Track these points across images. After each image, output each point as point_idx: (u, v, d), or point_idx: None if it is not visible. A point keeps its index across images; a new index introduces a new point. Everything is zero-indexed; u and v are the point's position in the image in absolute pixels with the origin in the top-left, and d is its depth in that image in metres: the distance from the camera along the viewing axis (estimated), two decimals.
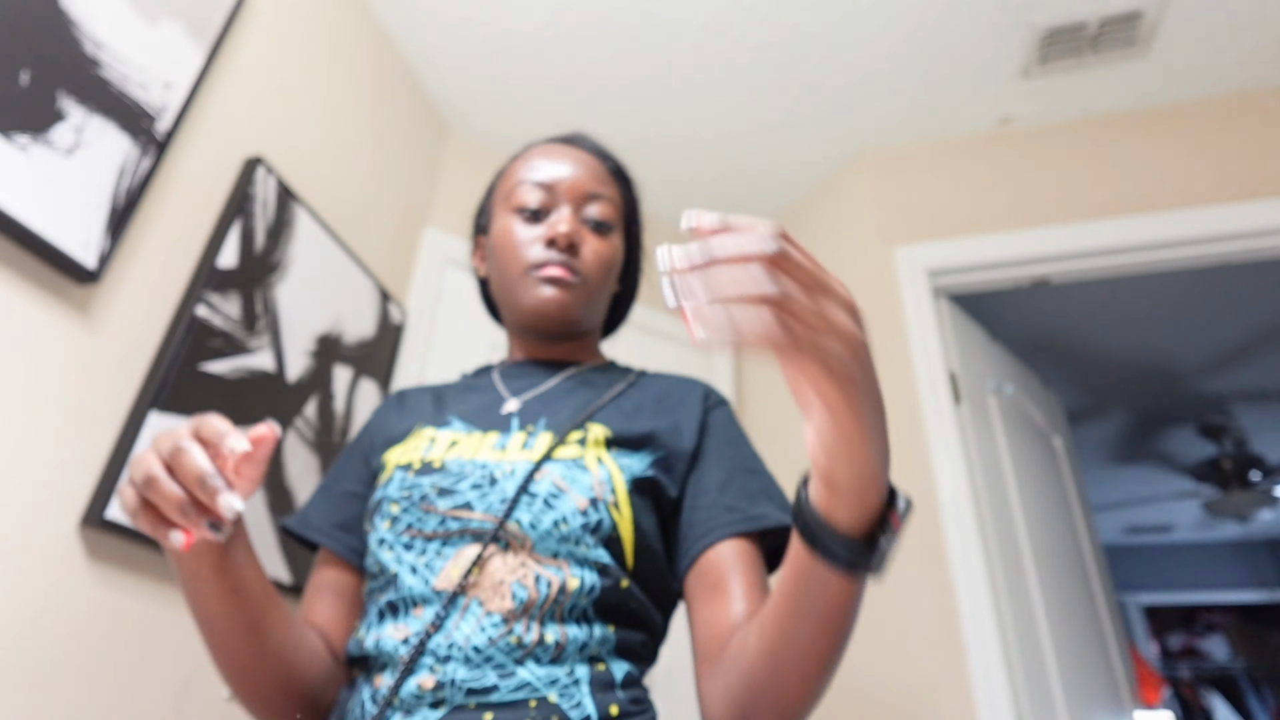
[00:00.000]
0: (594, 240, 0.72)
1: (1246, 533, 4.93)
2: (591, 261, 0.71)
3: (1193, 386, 3.08)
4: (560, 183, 0.72)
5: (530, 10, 1.62)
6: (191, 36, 1.08)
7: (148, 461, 0.43)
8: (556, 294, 0.68)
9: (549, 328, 0.70)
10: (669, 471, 0.62)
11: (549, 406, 0.67)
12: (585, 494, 0.56)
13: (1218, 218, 1.59)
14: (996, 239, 1.73)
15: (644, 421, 0.65)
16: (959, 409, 1.62)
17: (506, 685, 0.50)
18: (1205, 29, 1.58)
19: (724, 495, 0.61)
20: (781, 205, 2.16)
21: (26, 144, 0.82)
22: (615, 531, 0.56)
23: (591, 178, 0.74)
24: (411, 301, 1.68)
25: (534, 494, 0.56)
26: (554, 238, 0.69)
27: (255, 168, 1.18)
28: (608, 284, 0.74)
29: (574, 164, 0.74)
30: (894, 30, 1.62)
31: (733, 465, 0.64)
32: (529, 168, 0.74)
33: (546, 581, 0.53)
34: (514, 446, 0.61)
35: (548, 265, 0.69)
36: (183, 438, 0.43)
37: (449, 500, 0.57)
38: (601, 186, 0.74)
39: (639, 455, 0.62)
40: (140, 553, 0.95)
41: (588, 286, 0.70)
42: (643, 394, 0.69)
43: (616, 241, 0.75)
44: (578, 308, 0.70)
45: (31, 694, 0.80)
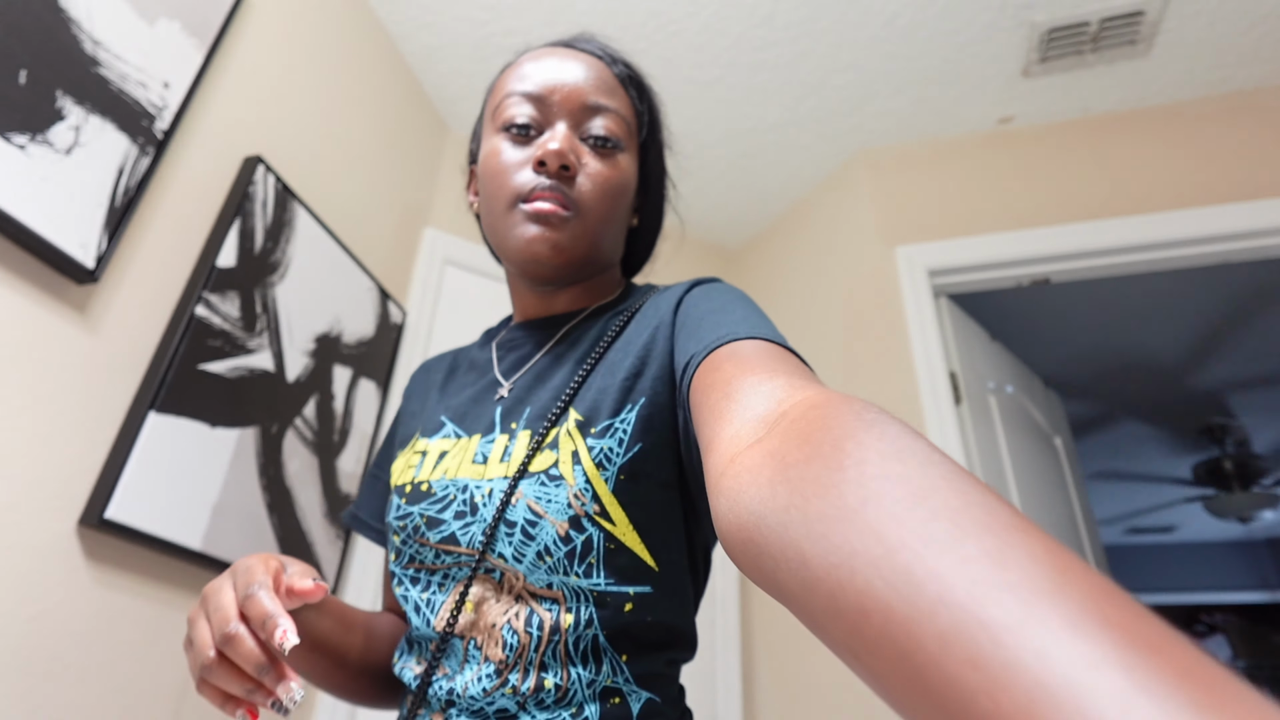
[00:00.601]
0: (595, 162, 0.59)
1: (1248, 533, 4.92)
2: (590, 189, 0.58)
3: (1193, 386, 3.08)
4: (554, 92, 0.59)
5: (530, 10, 1.61)
6: (190, 35, 1.08)
7: (227, 614, 0.43)
8: (545, 233, 0.56)
9: (542, 274, 0.58)
10: (659, 410, 0.51)
11: (532, 389, 0.58)
12: (562, 515, 0.48)
13: (1218, 218, 1.59)
14: (997, 239, 1.72)
15: (620, 367, 0.53)
16: (959, 409, 1.62)
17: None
18: (1206, 28, 1.58)
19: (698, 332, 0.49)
20: (782, 205, 2.16)
21: (25, 143, 0.82)
22: (612, 543, 0.48)
23: (594, 85, 0.60)
24: (411, 301, 1.67)
25: (512, 522, 0.49)
26: (543, 158, 0.56)
27: (254, 167, 1.17)
28: (615, 215, 0.60)
29: (572, 70, 0.60)
30: (894, 30, 1.61)
31: (705, 312, 0.51)
32: (518, 77, 0.61)
33: (539, 622, 0.48)
34: (494, 458, 0.54)
35: (535, 196, 0.56)
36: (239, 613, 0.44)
37: (437, 532, 0.53)
38: (605, 96, 0.60)
39: (617, 426, 0.50)
40: (139, 553, 0.95)
41: (586, 221, 0.57)
42: (631, 331, 0.57)
43: (624, 163, 0.61)
44: (574, 248, 0.57)
45: (30, 694, 0.80)
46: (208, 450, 1.04)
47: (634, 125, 0.63)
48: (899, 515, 0.20)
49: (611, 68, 0.63)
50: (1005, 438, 1.75)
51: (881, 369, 1.70)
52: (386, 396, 1.52)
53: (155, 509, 0.94)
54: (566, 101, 0.59)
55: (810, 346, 1.92)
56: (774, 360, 0.40)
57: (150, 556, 0.97)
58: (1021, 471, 1.76)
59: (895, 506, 0.20)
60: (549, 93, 0.59)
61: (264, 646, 0.42)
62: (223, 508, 1.05)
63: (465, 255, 1.81)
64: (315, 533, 1.25)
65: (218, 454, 1.06)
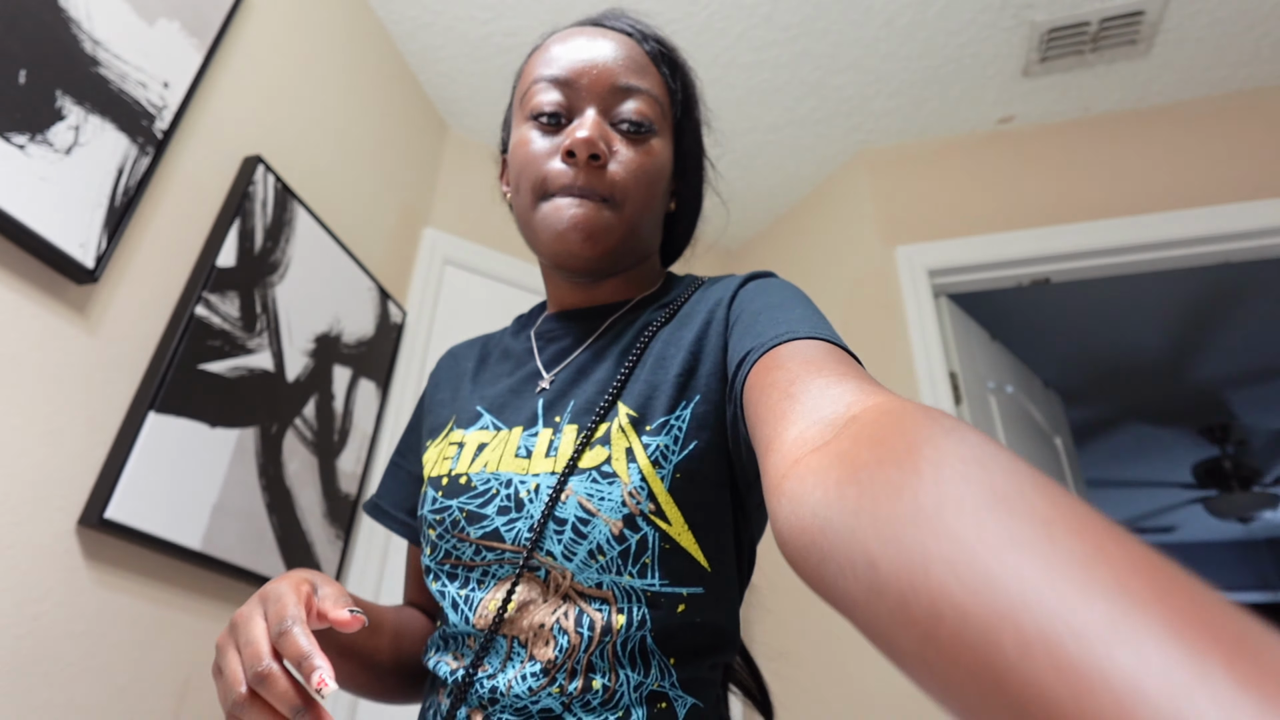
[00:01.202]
0: (627, 149, 0.56)
1: (1248, 533, 4.92)
2: (624, 177, 0.55)
3: (1194, 387, 3.08)
4: (582, 76, 0.56)
5: (530, 10, 1.61)
6: (190, 35, 1.08)
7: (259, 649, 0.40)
8: (578, 227, 0.53)
9: (576, 267, 0.57)
10: (713, 408, 0.50)
11: (576, 383, 0.56)
12: (616, 514, 0.47)
13: (1218, 218, 1.59)
14: (997, 239, 1.72)
15: (672, 364, 0.52)
16: (960, 409, 1.62)
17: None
18: (1206, 28, 1.58)
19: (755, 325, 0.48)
20: (782, 205, 2.16)
21: (24, 143, 0.82)
22: (668, 543, 0.47)
23: (624, 66, 0.57)
24: (411, 301, 1.67)
25: (561, 519, 0.48)
26: (571, 148, 0.53)
27: (254, 167, 1.17)
28: (650, 204, 0.58)
29: (601, 50, 0.58)
30: (894, 30, 1.61)
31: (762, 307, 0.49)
32: (545, 61, 0.58)
33: (589, 622, 0.47)
34: (539, 453, 0.52)
35: (566, 189, 0.54)
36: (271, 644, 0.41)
37: (479, 528, 0.51)
38: (637, 77, 0.57)
39: (673, 423, 0.50)
40: (139, 553, 0.95)
41: (621, 212, 0.55)
42: (677, 324, 0.56)
43: (659, 147, 0.58)
44: (608, 240, 0.55)
45: (30, 694, 0.80)
46: (207, 450, 1.04)
47: (667, 106, 0.60)
48: (979, 517, 0.18)
49: (642, 45, 0.60)
50: (1005, 438, 1.75)
51: (881, 369, 1.70)
52: (386, 396, 1.52)
53: (155, 509, 0.94)
54: (595, 85, 0.56)
55: None
56: (840, 364, 0.38)
57: (150, 556, 0.97)
58: None
59: (976, 509, 0.19)
60: (577, 76, 0.56)
61: (298, 686, 0.40)
62: (222, 508, 1.05)
63: (465, 255, 1.81)
64: (315, 533, 1.25)
65: (217, 454, 1.06)
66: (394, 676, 0.59)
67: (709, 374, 0.51)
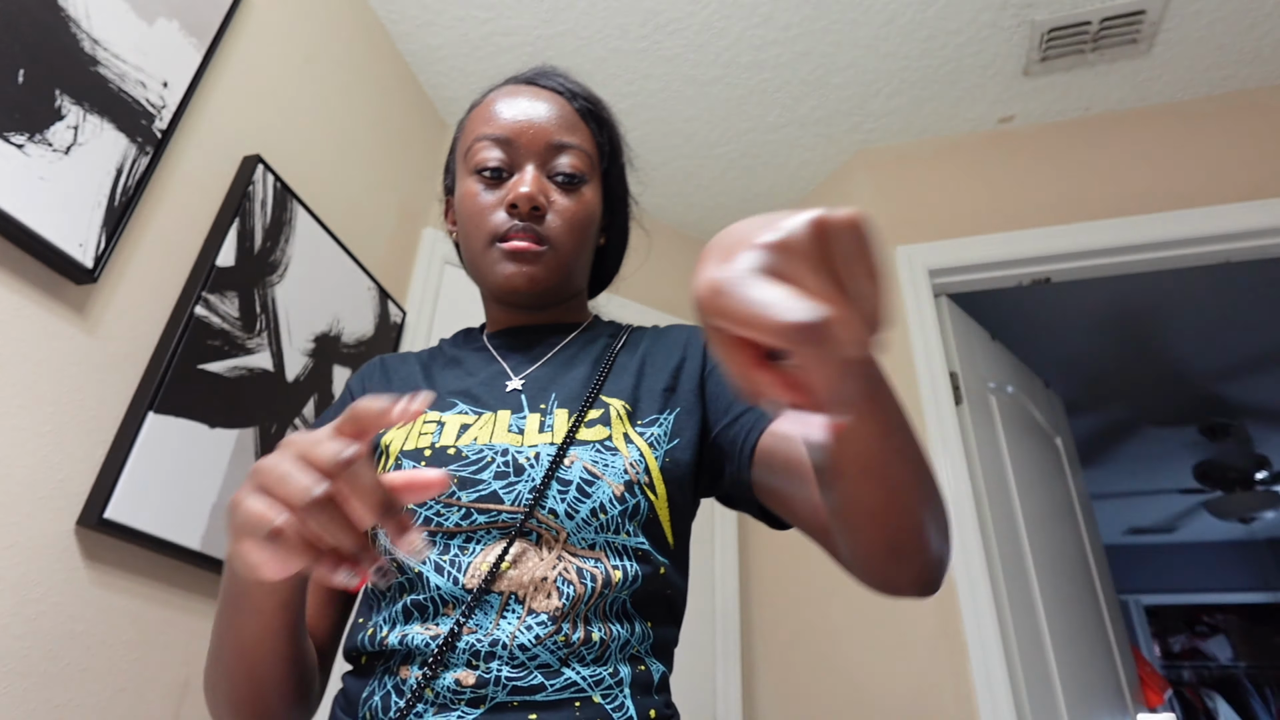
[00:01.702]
0: (562, 199, 0.65)
1: (1249, 533, 4.91)
2: (560, 226, 0.64)
3: (1194, 386, 3.08)
4: (521, 135, 0.64)
5: (530, 9, 1.61)
6: (190, 34, 1.08)
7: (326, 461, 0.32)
8: (522, 269, 0.62)
9: (521, 303, 0.67)
10: (691, 419, 0.60)
11: (554, 381, 0.63)
12: (619, 479, 0.54)
13: (1218, 217, 1.59)
14: (997, 239, 1.72)
15: (654, 379, 0.62)
16: (960, 409, 1.62)
17: (553, 684, 0.48)
18: (1207, 28, 1.58)
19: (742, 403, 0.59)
20: (782, 205, 2.15)
21: (23, 143, 0.82)
22: (653, 513, 0.55)
23: (558, 125, 0.66)
24: (410, 300, 1.67)
25: (566, 481, 0.53)
26: (515, 201, 0.62)
27: (254, 166, 1.17)
28: (584, 245, 0.67)
29: (537, 111, 0.65)
30: (894, 29, 1.61)
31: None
32: (485, 120, 0.66)
33: (590, 575, 0.51)
34: (531, 429, 0.57)
35: (510, 236, 0.62)
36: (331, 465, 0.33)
37: (473, 492, 0.53)
38: (569, 134, 0.66)
39: (661, 420, 0.59)
40: (138, 554, 0.95)
41: (559, 255, 0.64)
42: (642, 349, 0.66)
43: (590, 195, 0.67)
44: (548, 279, 0.64)
45: (30, 694, 0.79)
46: (207, 450, 1.04)
47: (595, 157, 0.69)
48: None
49: (572, 103, 0.68)
50: (1006, 438, 1.75)
51: None
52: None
53: (154, 509, 0.94)
54: (532, 143, 0.65)
55: None
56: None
57: (149, 557, 0.96)
58: (1022, 471, 1.76)
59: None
60: (516, 135, 0.65)
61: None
62: (222, 508, 1.05)
63: None
64: None
65: (217, 454, 1.05)
66: (283, 688, 0.51)
67: (688, 391, 0.61)
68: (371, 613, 0.56)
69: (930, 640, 1.40)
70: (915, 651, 1.41)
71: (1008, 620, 1.43)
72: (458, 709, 0.47)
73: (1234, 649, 4.86)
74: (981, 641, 1.35)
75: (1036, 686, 1.43)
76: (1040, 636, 1.54)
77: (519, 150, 0.65)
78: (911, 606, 1.45)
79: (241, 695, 0.50)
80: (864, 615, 1.52)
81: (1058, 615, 1.63)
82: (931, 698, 1.36)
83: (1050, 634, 1.56)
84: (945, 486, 1.49)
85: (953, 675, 1.35)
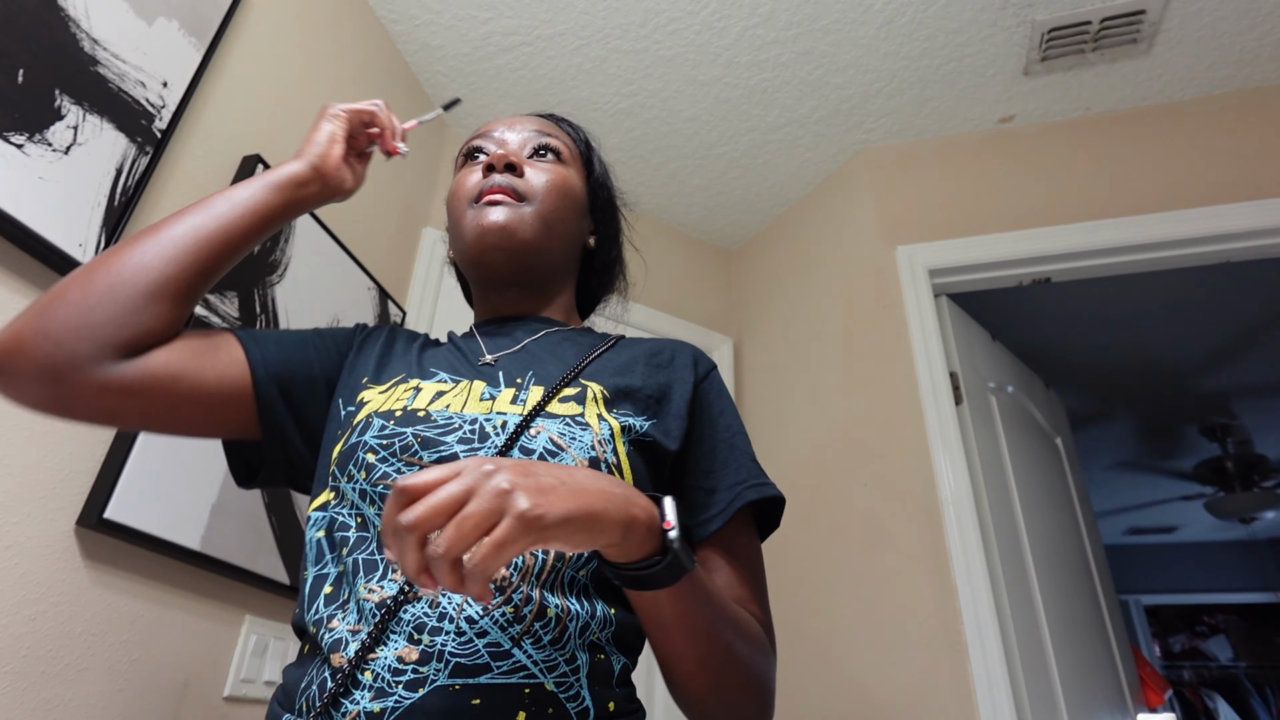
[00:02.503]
0: (539, 165, 0.68)
1: (1250, 533, 4.91)
2: (536, 181, 0.66)
3: (1195, 386, 3.07)
4: (507, 132, 0.71)
5: (530, 9, 1.61)
6: (189, 34, 1.08)
7: (358, 112, 0.66)
8: (497, 219, 0.63)
9: (498, 260, 0.65)
10: (666, 431, 0.59)
11: (535, 361, 0.63)
12: (585, 454, 0.52)
13: (1218, 218, 1.59)
14: (997, 239, 1.72)
15: (638, 378, 0.61)
16: (960, 409, 1.62)
17: (500, 666, 0.46)
18: (1207, 27, 1.58)
19: (715, 477, 0.60)
20: (782, 205, 2.15)
21: (23, 143, 0.82)
22: None
23: (536, 124, 0.73)
24: (410, 301, 1.67)
25: (529, 450, 0.52)
26: (491, 161, 0.65)
27: (254, 166, 1.17)
28: (562, 213, 0.68)
29: (522, 121, 0.73)
30: (894, 29, 1.61)
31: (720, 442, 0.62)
32: (478, 132, 0.74)
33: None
34: (503, 399, 0.57)
35: (486, 191, 0.64)
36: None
37: (434, 452, 0.52)
38: (547, 129, 0.72)
39: (637, 415, 0.58)
40: (137, 553, 0.95)
41: (536, 210, 0.65)
42: (631, 351, 0.66)
43: (568, 173, 0.70)
44: (524, 231, 0.64)
45: (30, 694, 0.79)
46: (206, 450, 1.04)
47: (577, 153, 0.74)
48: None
49: (559, 124, 0.75)
50: (1006, 438, 1.75)
51: (881, 369, 1.69)
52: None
53: (154, 509, 0.94)
54: (511, 129, 0.71)
55: (810, 346, 1.91)
56: (732, 567, 0.58)
57: (149, 557, 0.96)
58: (1022, 471, 1.76)
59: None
60: (502, 133, 0.71)
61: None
62: (222, 508, 1.05)
63: None
64: None
65: (217, 454, 1.05)
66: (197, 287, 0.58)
67: (675, 416, 0.61)
68: (322, 565, 0.55)
69: (930, 640, 1.40)
70: (915, 651, 1.41)
71: (1008, 620, 1.43)
72: (394, 693, 0.44)
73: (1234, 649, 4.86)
74: (981, 641, 1.35)
75: (1036, 686, 1.43)
76: (1040, 636, 1.54)
77: (502, 141, 0.70)
78: (912, 607, 1.45)
79: (169, 275, 0.55)
80: (864, 615, 1.52)
81: (1058, 615, 1.63)
82: (931, 697, 1.36)
83: (1050, 634, 1.56)
84: (946, 487, 1.49)
85: (953, 675, 1.35)
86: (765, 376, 2.03)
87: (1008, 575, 1.50)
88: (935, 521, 1.48)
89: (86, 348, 0.51)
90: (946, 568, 1.43)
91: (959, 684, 1.34)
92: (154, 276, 0.54)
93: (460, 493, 0.35)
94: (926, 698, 1.37)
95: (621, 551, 0.41)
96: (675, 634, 0.46)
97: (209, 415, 0.59)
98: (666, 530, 0.42)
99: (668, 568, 0.42)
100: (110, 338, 0.52)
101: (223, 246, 0.58)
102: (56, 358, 0.50)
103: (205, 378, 0.57)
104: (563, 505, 0.37)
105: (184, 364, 0.56)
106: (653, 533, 0.42)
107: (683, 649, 0.47)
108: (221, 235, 0.57)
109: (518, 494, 0.35)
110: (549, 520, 0.35)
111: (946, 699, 1.34)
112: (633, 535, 0.41)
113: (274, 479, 0.65)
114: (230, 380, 0.59)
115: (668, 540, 0.42)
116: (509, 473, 0.36)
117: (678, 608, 0.45)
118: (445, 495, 0.35)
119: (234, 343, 0.61)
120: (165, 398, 0.55)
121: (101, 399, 0.52)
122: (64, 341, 0.50)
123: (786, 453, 1.85)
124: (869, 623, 1.51)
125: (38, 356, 0.50)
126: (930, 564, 1.45)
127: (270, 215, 0.60)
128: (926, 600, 1.43)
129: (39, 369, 0.50)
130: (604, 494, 0.40)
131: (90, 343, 0.51)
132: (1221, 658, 4.85)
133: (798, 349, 1.95)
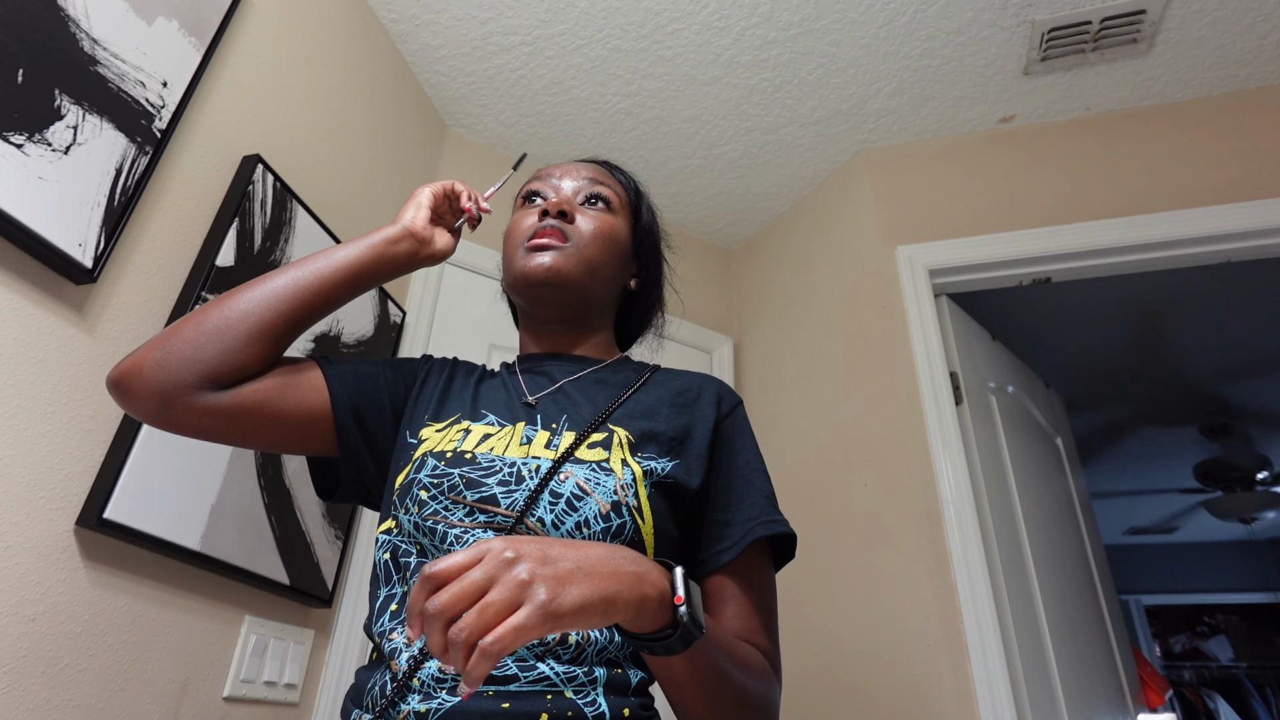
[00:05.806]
0: (589, 213, 0.75)
1: (1250, 533, 4.91)
2: (585, 230, 0.73)
3: (1195, 386, 3.07)
4: (563, 179, 0.78)
5: (530, 9, 1.61)
6: (189, 34, 1.08)
7: (442, 186, 0.76)
8: (544, 260, 0.70)
9: (543, 295, 0.72)
10: (688, 470, 0.64)
11: (570, 404, 0.69)
12: (608, 498, 0.58)
13: (1218, 217, 1.59)
14: (997, 239, 1.72)
15: (662, 421, 0.66)
16: (960, 409, 1.62)
17: (526, 676, 0.52)
18: (1208, 27, 1.57)
19: (730, 511, 0.65)
20: (782, 205, 2.15)
21: (22, 142, 0.82)
22: (637, 536, 0.58)
23: (591, 172, 0.79)
24: (410, 301, 1.67)
25: (558, 494, 0.58)
26: (546, 207, 0.73)
27: (253, 166, 1.17)
28: (608, 256, 0.75)
29: (578, 168, 0.80)
30: (894, 29, 1.61)
31: (737, 478, 0.67)
32: (535, 175, 0.81)
33: None
34: (538, 444, 0.63)
35: (537, 234, 0.72)
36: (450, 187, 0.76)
37: (476, 492, 0.59)
38: (601, 178, 0.79)
39: (660, 457, 0.63)
40: (137, 554, 0.95)
41: (581, 253, 0.72)
42: (659, 391, 0.71)
43: (616, 221, 0.77)
44: (568, 271, 0.71)
45: (29, 694, 0.79)
46: (206, 450, 1.04)
47: (627, 202, 0.81)
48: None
49: (613, 173, 0.82)
50: (1006, 438, 1.75)
51: (882, 369, 1.69)
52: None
53: (153, 509, 0.94)
54: (567, 176, 0.79)
55: (810, 346, 1.91)
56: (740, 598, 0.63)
57: (149, 557, 0.96)
58: (1022, 471, 1.75)
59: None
60: (558, 178, 0.79)
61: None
62: (221, 508, 1.05)
63: (464, 255, 1.80)
64: (314, 533, 1.25)
65: (216, 454, 1.05)
66: (287, 337, 0.66)
67: (696, 455, 0.66)
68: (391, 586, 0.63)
69: (930, 640, 1.40)
70: (915, 651, 1.41)
71: (1008, 620, 1.43)
72: (439, 696, 0.52)
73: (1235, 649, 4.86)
74: (981, 641, 1.35)
75: (1036, 686, 1.42)
76: (1040, 636, 1.54)
77: (557, 188, 0.78)
78: (912, 607, 1.45)
79: (268, 321, 0.64)
80: (864, 615, 1.52)
81: (1058, 615, 1.63)
82: (931, 697, 1.36)
83: (1050, 634, 1.56)
84: (946, 487, 1.49)
85: (953, 675, 1.35)
86: (765, 376, 2.03)
87: (1008, 575, 1.50)
88: (935, 521, 1.48)
89: (191, 379, 0.61)
90: (946, 568, 1.43)
91: (959, 684, 1.34)
92: (254, 321, 0.63)
93: (483, 580, 0.38)
94: (926, 697, 1.37)
95: (635, 625, 0.45)
96: (687, 688, 0.51)
97: (291, 436, 0.68)
98: (678, 606, 0.45)
99: (679, 639, 0.45)
100: (212, 371, 0.61)
101: (314, 298, 0.67)
102: (166, 385, 0.60)
103: (286, 405, 0.66)
104: (578, 593, 0.40)
105: (269, 393, 0.65)
106: (664, 607, 0.45)
107: (692, 700, 0.52)
108: (315, 287, 0.66)
109: (537, 585, 0.39)
110: (566, 610, 0.39)
111: (946, 699, 1.34)
112: (645, 612, 0.44)
113: (350, 495, 0.73)
114: (309, 406, 0.67)
115: (679, 615, 0.45)
116: (529, 562, 0.40)
117: (687, 667, 0.49)
118: (469, 584, 0.38)
119: (317, 373, 0.70)
120: (253, 421, 0.64)
121: (201, 420, 0.62)
122: (174, 371, 0.60)
123: (787, 452, 1.85)
124: (870, 622, 1.51)
125: (152, 382, 0.60)
126: (930, 564, 1.45)
127: (363, 271, 0.69)
128: (926, 600, 1.43)
129: (152, 393, 0.60)
130: (618, 576, 0.43)
131: (195, 375, 0.61)
132: (1222, 658, 4.85)
133: (798, 349, 1.95)
